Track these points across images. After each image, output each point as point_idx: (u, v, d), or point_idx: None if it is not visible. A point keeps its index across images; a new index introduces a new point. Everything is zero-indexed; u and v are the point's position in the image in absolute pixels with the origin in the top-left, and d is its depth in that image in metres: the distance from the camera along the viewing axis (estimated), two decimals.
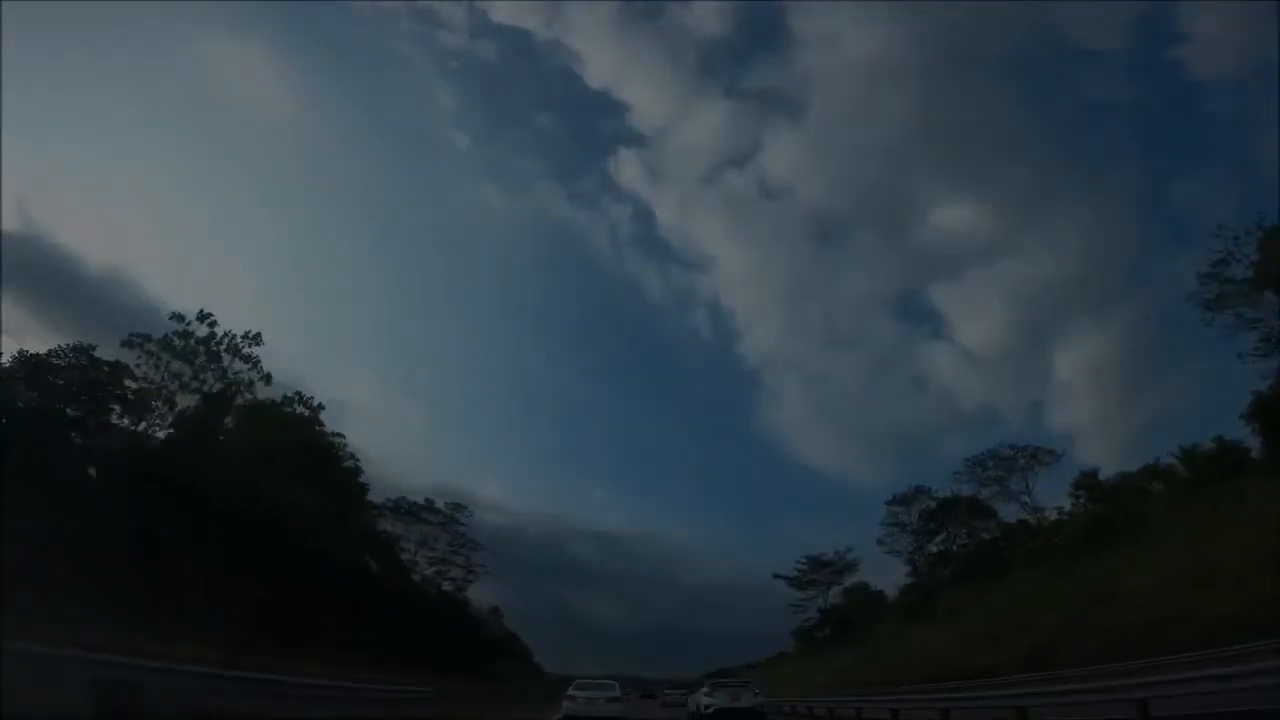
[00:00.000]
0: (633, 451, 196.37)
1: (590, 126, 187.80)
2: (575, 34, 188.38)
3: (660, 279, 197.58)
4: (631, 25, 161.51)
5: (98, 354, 29.18)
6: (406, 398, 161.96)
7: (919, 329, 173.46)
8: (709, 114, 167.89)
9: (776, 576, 76.00)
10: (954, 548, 62.16)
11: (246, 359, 35.34)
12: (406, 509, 58.27)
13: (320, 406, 45.47)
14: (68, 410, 28.23)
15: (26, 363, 27.82)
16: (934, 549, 62.32)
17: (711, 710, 23.70)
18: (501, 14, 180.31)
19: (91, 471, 29.16)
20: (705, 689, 26.75)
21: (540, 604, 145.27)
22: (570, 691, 21.81)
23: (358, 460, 53.57)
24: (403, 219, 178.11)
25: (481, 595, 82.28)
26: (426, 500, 60.28)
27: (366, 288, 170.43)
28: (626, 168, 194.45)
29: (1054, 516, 50.37)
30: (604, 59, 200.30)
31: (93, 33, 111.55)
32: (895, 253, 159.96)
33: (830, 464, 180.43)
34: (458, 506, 61.20)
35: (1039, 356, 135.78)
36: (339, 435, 51.75)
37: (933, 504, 62.19)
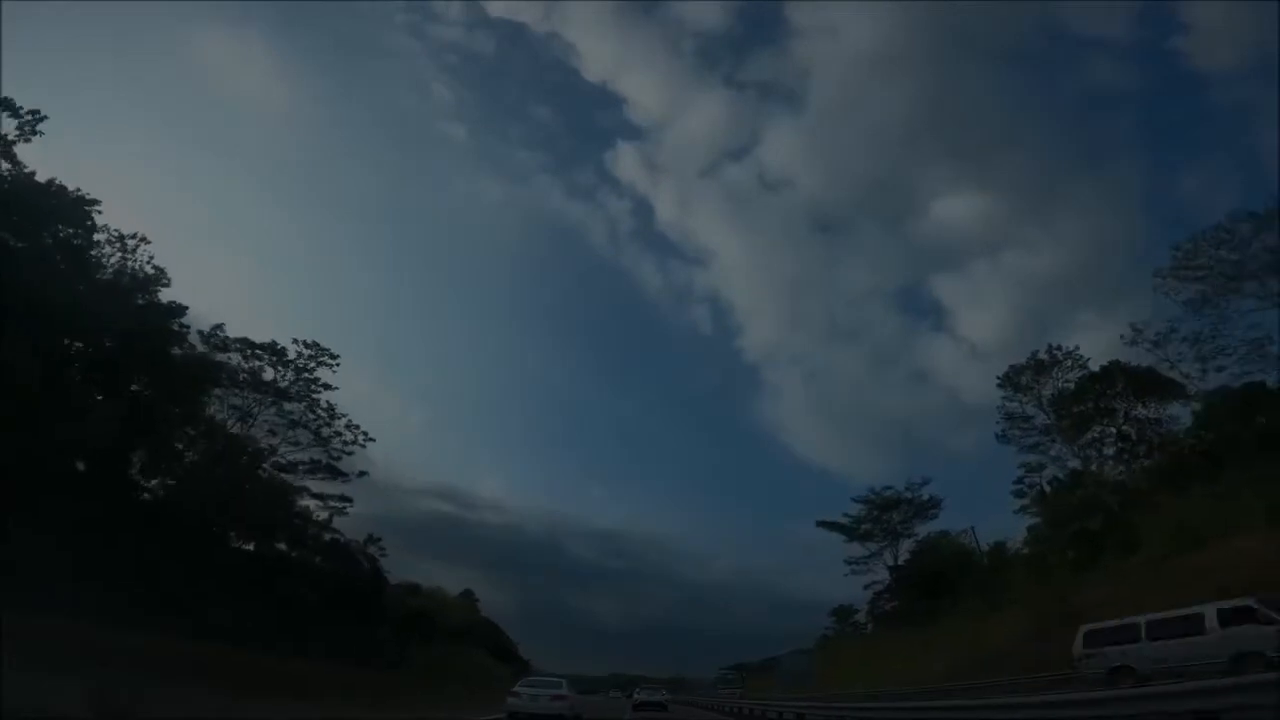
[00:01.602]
0: (633, 449, 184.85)
1: (588, 119, 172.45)
2: (572, 27, 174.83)
3: (659, 273, 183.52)
4: (628, 17, 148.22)
5: None
6: (403, 395, 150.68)
7: (921, 322, 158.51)
8: (707, 106, 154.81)
9: (821, 525, 52.47)
10: (1113, 449, 38.45)
11: None
12: (243, 368, 32.86)
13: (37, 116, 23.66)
14: None
15: None
16: (1082, 451, 38.39)
17: (638, 701, 34.00)
18: (498, 8, 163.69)
19: None
20: (638, 689, 41.02)
21: (540, 603, 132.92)
22: (514, 688, 19.91)
23: (165, 278, 30.46)
24: (399, 213, 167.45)
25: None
26: (270, 342, 33.78)
27: (363, 283, 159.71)
28: (624, 161, 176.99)
29: None
30: (601, 52, 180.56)
31: (89, 30, 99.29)
32: (897, 245, 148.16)
33: (832, 461, 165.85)
34: (320, 351, 34.34)
35: (1043, 350, 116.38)
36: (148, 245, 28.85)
37: (1080, 376, 38.41)
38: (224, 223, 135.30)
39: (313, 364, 34.39)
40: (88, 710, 8.75)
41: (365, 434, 35.96)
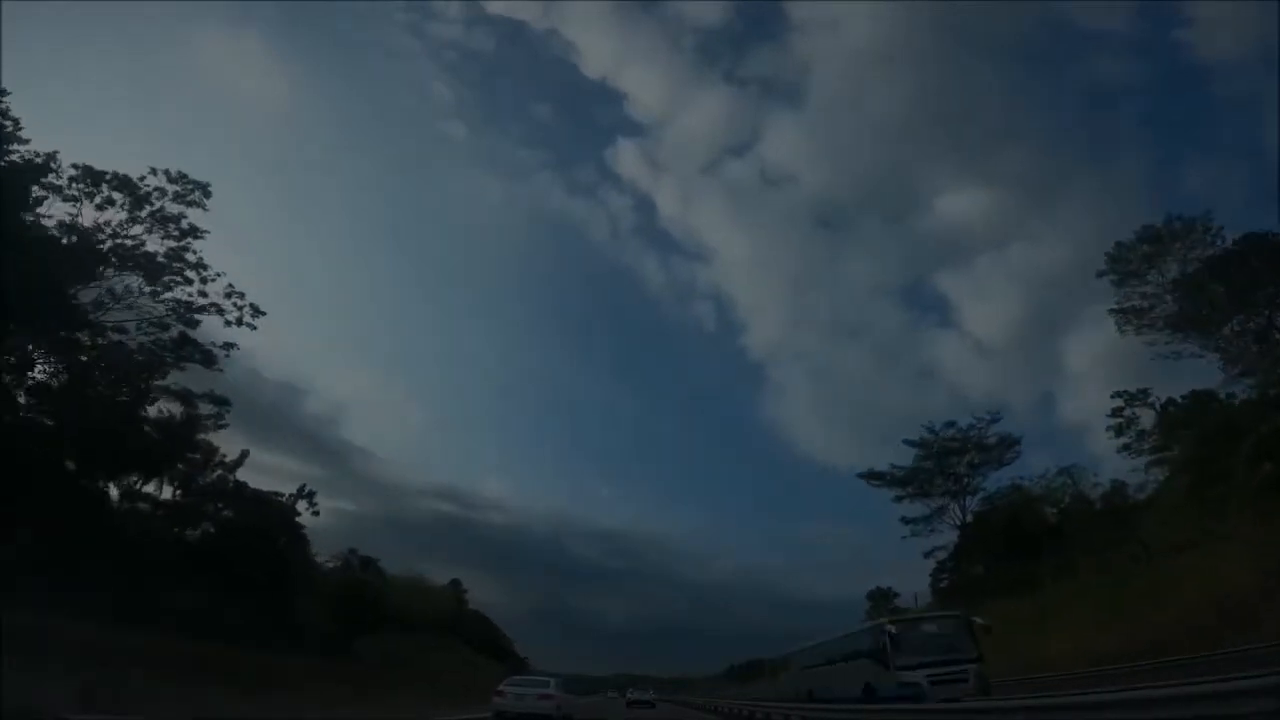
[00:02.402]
0: (636, 448, 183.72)
1: (588, 116, 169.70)
2: (571, 24, 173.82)
3: (662, 270, 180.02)
4: (627, 14, 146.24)
5: None
6: (405, 395, 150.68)
7: (926, 318, 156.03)
8: (708, 102, 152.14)
9: (865, 477, 42.34)
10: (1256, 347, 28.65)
11: None
12: (102, 228, 23.00)
13: None
14: None
15: None
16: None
17: (632, 699, 39.27)
18: (497, 6, 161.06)
19: None
20: (630, 689, 46.26)
21: (544, 603, 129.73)
22: (499, 687, 18.57)
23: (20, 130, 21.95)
24: (400, 213, 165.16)
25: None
26: (115, 174, 23.39)
27: (363, 282, 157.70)
28: (625, 158, 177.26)
29: None
30: (601, 48, 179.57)
31: (89, 30, 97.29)
32: (901, 240, 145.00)
33: (836, 460, 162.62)
34: (187, 184, 24.46)
35: (1050, 345, 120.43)
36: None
37: (1207, 256, 28.86)
38: (224, 222, 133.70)
39: (178, 203, 24.56)
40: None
41: (254, 307, 25.73)
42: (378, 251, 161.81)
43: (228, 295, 25.06)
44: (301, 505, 30.48)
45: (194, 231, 24.62)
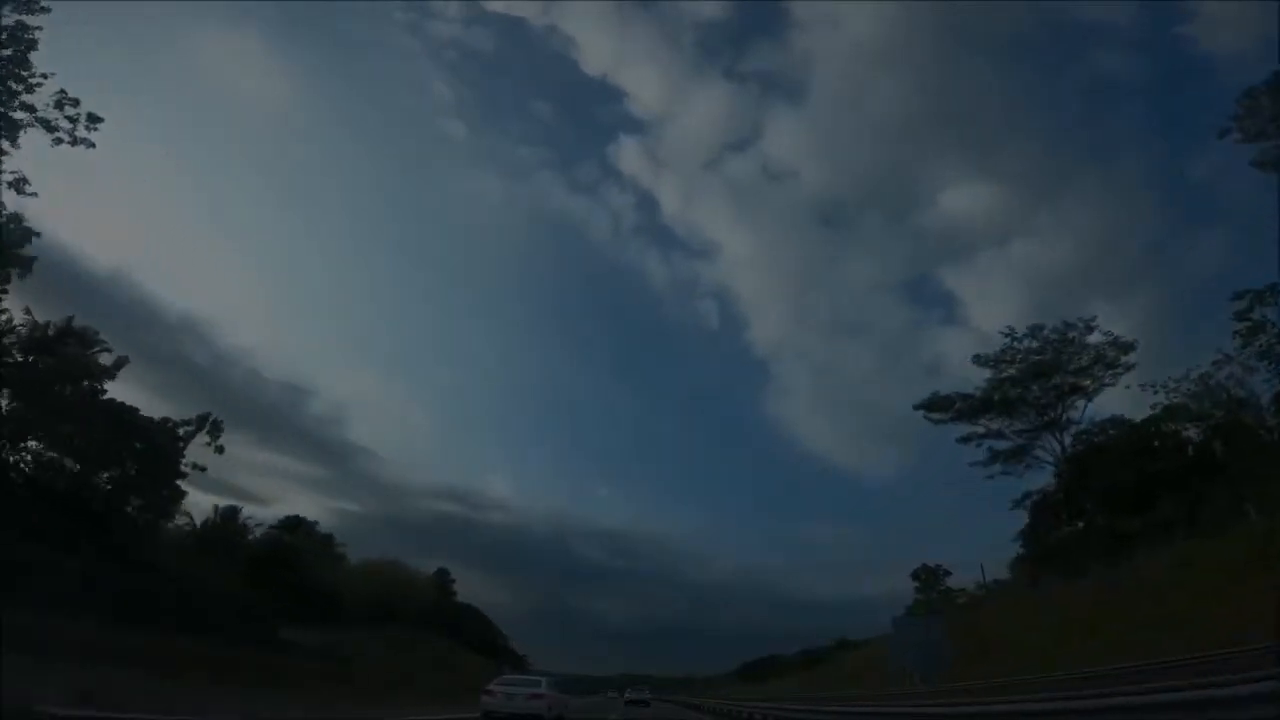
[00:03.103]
0: (637, 448, 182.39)
1: (589, 114, 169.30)
2: (571, 21, 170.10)
3: (664, 267, 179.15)
4: (627, 11, 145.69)
5: None
6: (408, 395, 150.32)
7: (929, 314, 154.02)
8: (709, 98, 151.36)
9: (922, 407, 33.91)
10: None
11: None
12: None
13: None
14: None
15: None
16: None
17: (629, 698, 39.95)
18: (496, 4, 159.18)
19: None
20: (628, 689, 46.13)
21: (549, 603, 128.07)
22: (489, 686, 17.99)
23: None
24: (402, 213, 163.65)
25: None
26: None
27: (363, 282, 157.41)
28: (627, 155, 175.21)
29: None
30: (600, 45, 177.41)
31: (89, 30, 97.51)
32: (903, 237, 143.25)
33: (842, 459, 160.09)
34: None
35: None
36: None
37: None
38: (226, 222, 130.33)
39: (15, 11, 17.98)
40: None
41: (91, 116, 19.05)
42: (378, 251, 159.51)
43: (58, 105, 18.34)
44: (204, 440, 23.25)
45: (24, 35, 17.82)
